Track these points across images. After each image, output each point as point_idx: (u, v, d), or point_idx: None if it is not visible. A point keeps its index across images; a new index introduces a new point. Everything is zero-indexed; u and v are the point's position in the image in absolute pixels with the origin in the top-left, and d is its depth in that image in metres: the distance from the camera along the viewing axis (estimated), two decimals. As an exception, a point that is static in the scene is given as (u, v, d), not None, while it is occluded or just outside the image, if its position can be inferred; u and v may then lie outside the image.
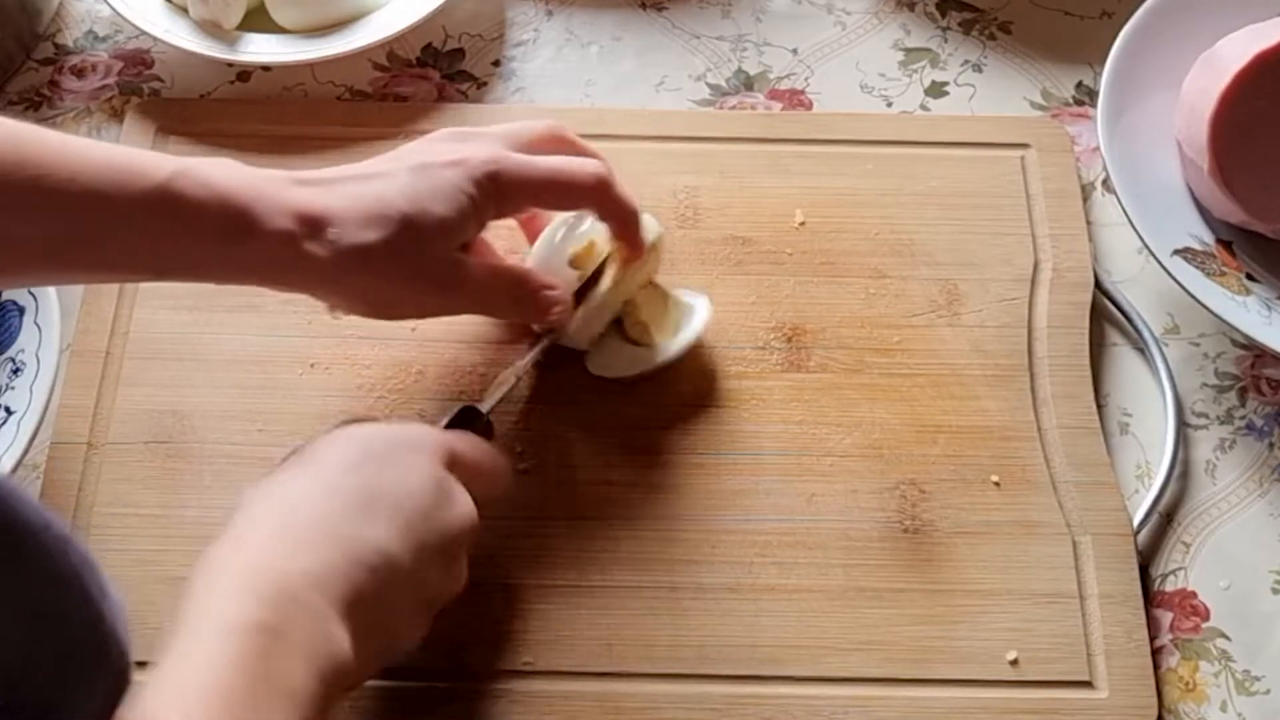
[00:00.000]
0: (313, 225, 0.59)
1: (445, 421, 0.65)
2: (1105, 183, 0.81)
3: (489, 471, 0.62)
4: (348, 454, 0.57)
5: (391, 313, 0.65)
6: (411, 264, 0.61)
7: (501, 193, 0.63)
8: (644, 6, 0.89)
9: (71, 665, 0.45)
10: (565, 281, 0.68)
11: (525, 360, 0.69)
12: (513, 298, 0.66)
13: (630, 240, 0.68)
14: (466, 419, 0.65)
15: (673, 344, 0.71)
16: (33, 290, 0.68)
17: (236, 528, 0.54)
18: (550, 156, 0.65)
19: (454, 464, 0.59)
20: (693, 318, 0.71)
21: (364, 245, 0.59)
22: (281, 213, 0.58)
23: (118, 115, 0.83)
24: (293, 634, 0.49)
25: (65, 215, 0.55)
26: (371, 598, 0.53)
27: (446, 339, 0.73)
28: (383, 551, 0.54)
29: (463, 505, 0.58)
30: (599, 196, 0.65)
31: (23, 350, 0.68)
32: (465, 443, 0.61)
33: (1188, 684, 0.66)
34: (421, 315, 0.66)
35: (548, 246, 0.70)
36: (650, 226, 0.70)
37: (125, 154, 0.57)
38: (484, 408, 0.66)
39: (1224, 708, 0.66)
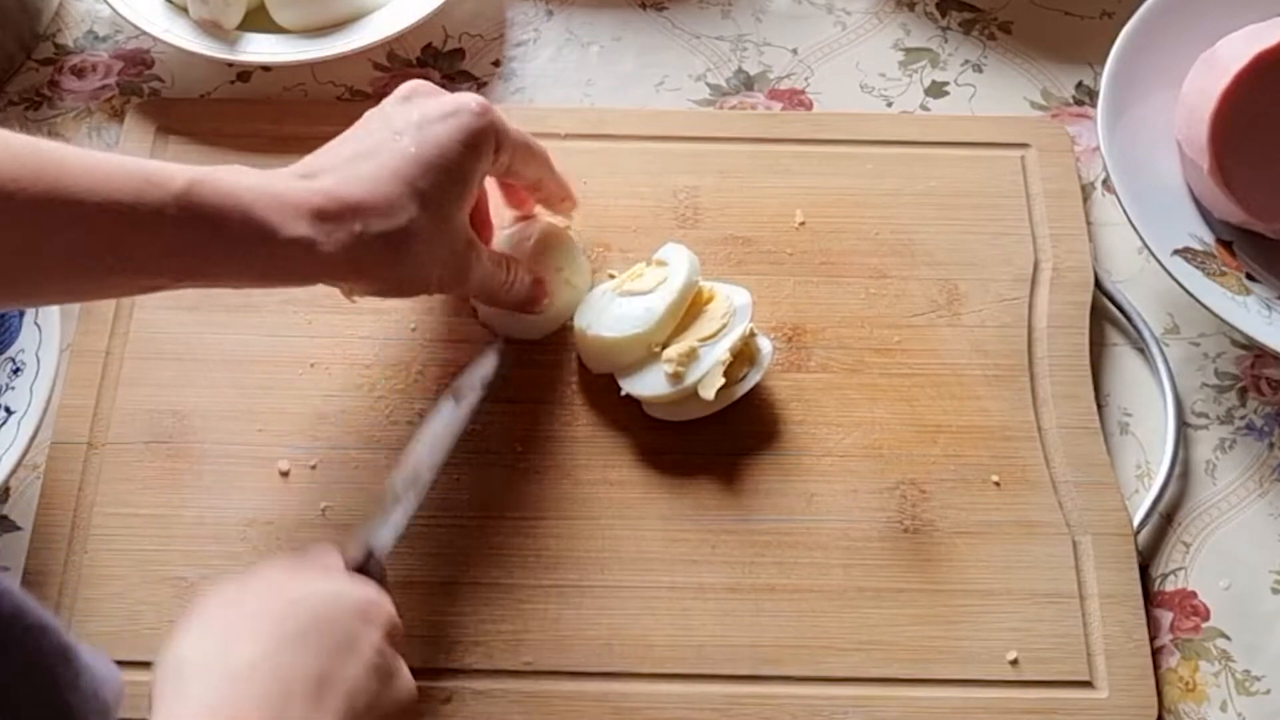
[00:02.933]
0: (333, 220, 0.58)
1: (353, 561, 0.60)
2: (1105, 183, 0.81)
3: (400, 632, 0.58)
4: (296, 616, 0.53)
5: (409, 292, 0.64)
6: (437, 241, 0.61)
7: (498, 138, 0.64)
8: (644, 6, 0.89)
9: None
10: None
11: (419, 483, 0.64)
12: (511, 285, 0.68)
13: (568, 209, 0.73)
14: (365, 558, 0.60)
15: (736, 390, 0.70)
16: (32, 290, 0.68)
17: (168, 685, 0.50)
18: None
19: (393, 633, 0.56)
20: (757, 363, 0.70)
21: (392, 231, 0.59)
22: (299, 216, 0.57)
23: (118, 115, 0.83)
24: None
25: (86, 225, 0.54)
26: None
27: (447, 339, 0.73)
28: None
29: (405, 683, 0.55)
30: (551, 166, 0.69)
31: (23, 350, 0.68)
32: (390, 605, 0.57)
33: (1188, 684, 0.66)
34: (433, 293, 0.65)
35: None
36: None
37: (140, 164, 0.56)
38: (379, 544, 0.61)
39: (1224, 708, 0.66)
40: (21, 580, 0.66)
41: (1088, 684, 0.65)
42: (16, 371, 0.67)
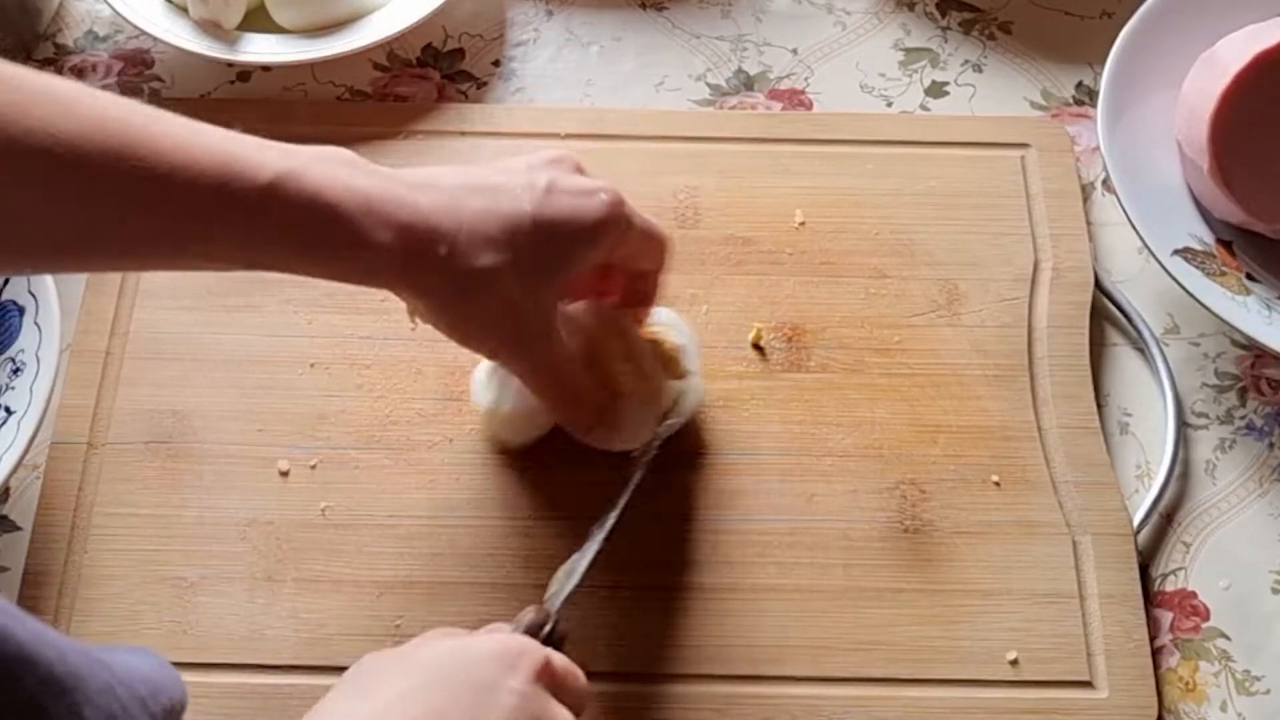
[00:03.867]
0: (421, 242, 0.56)
1: (519, 629, 0.58)
2: (1105, 183, 0.81)
3: (576, 690, 0.55)
4: (425, 668, 0.52)
5: (467, 343, 0.61)
6: (507, 308, 0.58)
7: (618, 237, 0.61)
8: (644, 6, 0.89)
9: None
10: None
11: (590, 551, 0.62)
12: (565, 404, 0.65)
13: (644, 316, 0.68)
14: (538, 625, 0.58)
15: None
16: (33, 290, 0.68)
17: None
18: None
19: (547, 679, 0.53)
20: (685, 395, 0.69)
21: (465, 272, 0.56)
22: (387, 228, 0.55)
23: (118, 115, 0.82)
24: None
25: (164, 211, 0.53)
26: None
27: (446, 339, 0.73)
28: None
29: None
30: (662, 263, 0.66)
31: (23, 350, 0.68)
32: (558, 658, 0.55)
33: (1188, 684, 0.66)
34: (489, 357, 0.63)
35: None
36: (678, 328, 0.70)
37: (228, 149, 0.53)
38: (551, 608, 0.59)
39: (1224, 708, 0.66)
40: (21, 580, 0.66)
41: (1088, 684, 0.65)
42: (16, 371, 0.67)
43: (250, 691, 0.64)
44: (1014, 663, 0.65)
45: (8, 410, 0.66)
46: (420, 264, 0.56)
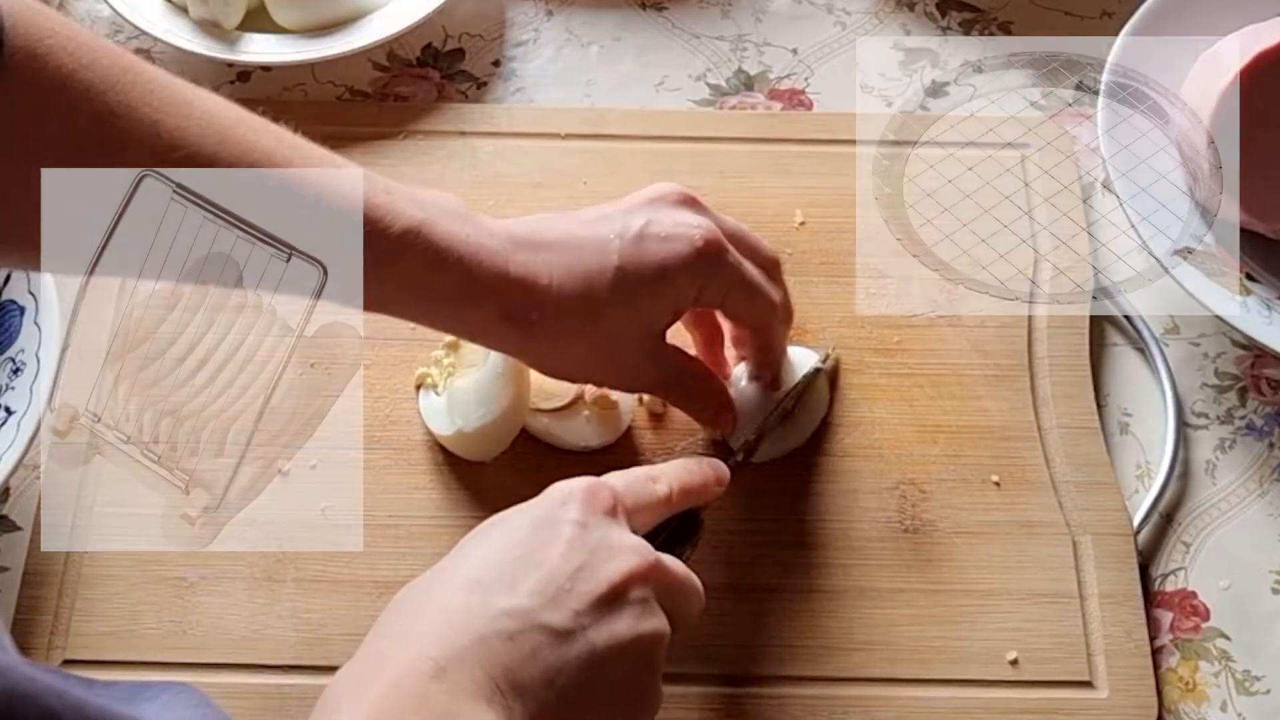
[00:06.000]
0: (518, 303, 0.59)
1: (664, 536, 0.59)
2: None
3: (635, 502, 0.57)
4: (482, 531, 0.54)
5: (564, 379, 0.66)
6: (600, 351, 0.61)
7: (712, 277, 0.61)
8: (644, 6, 0.89)
9: None
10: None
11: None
12: (693, 401, 0.67)
13: (765, 378, 0.69)
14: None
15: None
16: (32, 290, 0.68)
17: (366, 640, 0.52)
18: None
19: (611, 509, 0.55)
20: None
21: (557, 328, 0.59)
22: (495, 287, 0.58)
23: (118, 115, 0.82)
24: None
25: (307, 246, 0.56)
26: (531, 667, 0.49)
27: (447, 339, 0.73)
28: (516, 614, 0.49)
29: (622, 546, 0.53)
30: (772, 325, 0.66)
31: (23, 350, 0.68)
32: (633, 494, 0.57)
33: (1188, 684, 0.66)
34: (602, 386, 0.67)
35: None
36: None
37: (364, 192, 0.56)
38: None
39: (1224, 708, 0.66)
40: (21, 580, 0.66)
41: (1088, 684, 0.65)
42: (16, 371, 0.67)
43: (250, 691, 0.64)
44: (1014, 663, 0.65)
45: (8, 410, 0.66)
46: (515, 328, 0.59)
